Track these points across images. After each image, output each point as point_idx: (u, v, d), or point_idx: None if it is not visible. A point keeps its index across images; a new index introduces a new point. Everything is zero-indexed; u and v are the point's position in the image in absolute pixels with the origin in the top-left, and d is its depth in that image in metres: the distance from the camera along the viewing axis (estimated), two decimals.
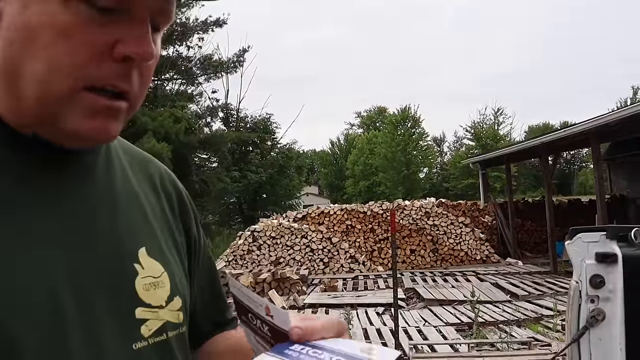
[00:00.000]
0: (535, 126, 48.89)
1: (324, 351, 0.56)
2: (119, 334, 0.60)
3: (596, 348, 1.83)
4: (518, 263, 13.10)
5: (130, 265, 0.64)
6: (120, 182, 0.70)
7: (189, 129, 20.95)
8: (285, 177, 28.56)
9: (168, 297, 0.67)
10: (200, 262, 0.84)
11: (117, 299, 0.61)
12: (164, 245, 0.72)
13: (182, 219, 0.80)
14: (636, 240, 1.73)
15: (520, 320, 7.30)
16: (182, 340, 0.70)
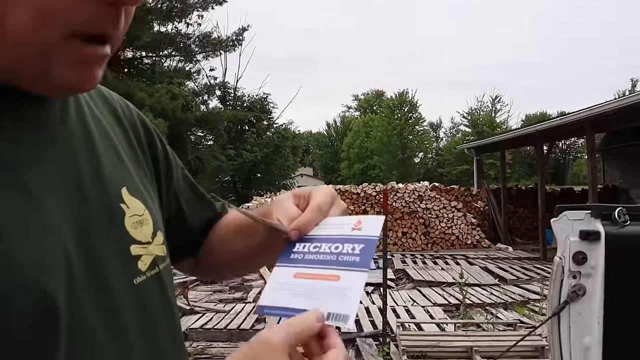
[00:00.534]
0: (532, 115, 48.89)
1: (322, 242, 0.64)
2: (122, 272, 0.63)
3: (575, 322, 1.89)
4: (508, 248, 13.24)
5: (118, 206, 0.66)
6: (92, 122, 0.69)
7: (186, 106, 20.83)
8: (281, 157, 28.54)
9: (152, 232, 0.70)
10: (177, 177, 0.89)
11: (115, 240, 0.63)
12: (140, 183, 0.73)
13: (149, 146, 0.82)
14: (619, 219, 1.78)
15: (507, 303, 7.41)
16: (168, 272, 0.74)
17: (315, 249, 0.63)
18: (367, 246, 0.62)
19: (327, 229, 0.66)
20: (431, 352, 5.03)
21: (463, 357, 4.96)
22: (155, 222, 0.72)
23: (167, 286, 0.71)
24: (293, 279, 0.62)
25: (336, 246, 0.63)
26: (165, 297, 0.70)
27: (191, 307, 7.21)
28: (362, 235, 0.63)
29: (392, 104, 44.17)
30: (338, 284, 0.59)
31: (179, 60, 24.02)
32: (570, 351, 1.90)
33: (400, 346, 5.09)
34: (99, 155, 0.67)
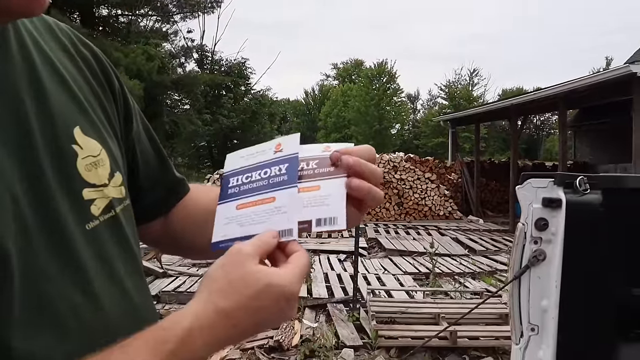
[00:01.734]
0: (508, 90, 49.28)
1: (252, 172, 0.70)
2: (73, 218, 0.61)
3: (535, 285, 1.97)
4: (479, 221, 13.51)
5: (69, 148, 0.62)
6: (37, 55, 0.64)
7: (162, 68, 20.47)
8: (257, 123, 28.38)
9: (109, 174, 0.67)
10: (133, 120, 0.81)
11: (65, 184, 0.61)
12: (97, 120, 0.69)
13: (106, 81, 0.75)
14: (580, 188, 1.85)
15: (476, 273, 7.62)
16: (128, 213, 0.71)
17: (248, 179, 0.69)
18: (290, 164, 0.68)
19: (253, 158, 0.72)
20: (399, 318, 5.17)
21: (430, 322, 5.11)
22: (114, 161, 0.69)
23: (126, 229, 0.70)
24: (236, 211, 0.67)
25: (265, 171, 0.69)
26: (123, 240, 0.69)
27: (164, 270, 7.24)
28: (284, 155, 0.69)
29: (370, 74, 43.96)
30: (275, 204, 0.65)
31: (155, 20, 23.49)
32: (529, 313, 1.98)
33: (369, 312, 5.22)
34: (46, 91, 0.62)
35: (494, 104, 15.04)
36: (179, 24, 24.80)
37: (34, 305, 0.54)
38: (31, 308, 0.53)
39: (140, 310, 0.69)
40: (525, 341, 2.04)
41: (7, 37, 0.61)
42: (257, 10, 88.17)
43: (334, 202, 0.64)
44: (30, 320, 0.53)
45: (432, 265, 7.03)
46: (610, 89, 8.95)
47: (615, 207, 1.91)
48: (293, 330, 5.05)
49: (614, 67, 8.84)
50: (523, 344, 2.04)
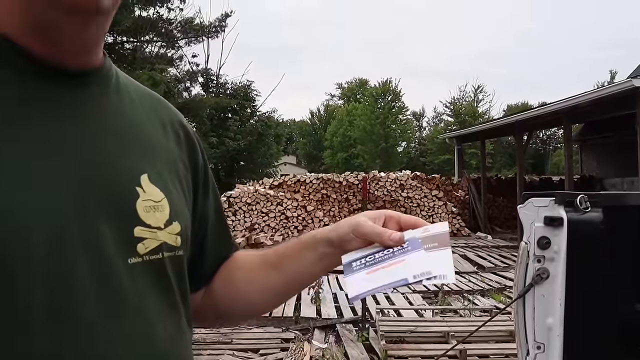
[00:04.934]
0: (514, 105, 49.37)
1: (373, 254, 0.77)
2: (117, 249, 0.64)
3: (539, 303, 1.98)
4: (487, 237, 13.46)
5: (132, 188, 0.69)
6: (129, 111, 0.75)
7: (168, 93, 20.66)
8: (264, 145, 28.46)
9: (167, 220, 0.71)
10: (210, 194, 0.90)
11: (118, 218, 0.66)
12: (166, 176, 0.75)
13: (188, 153, 0.84)
14: (580, 206, 1.88)
15: (485, 290, 7.59)
16: (178, 263, 0.74)
17: (371, 258, 0.76)
18: (411, 241, 0.76)
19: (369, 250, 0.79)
20: (409, 337, 5.15)
21: (439, 341, 5.09)
22: (174, 212, 0.73)
23: (170, 276, 0.72)
24: (367, 276, 0.73)
25: (388, 251, 0.76)
26: (164, 284, 0.71)
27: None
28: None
29: (375, 93, 44.24)
30: (406, 263, 0.73)
31: (160, 46, 23.81)
32: (534, 331, 2.00)
33: (379, 331, 5.21)
34: (126, 139, 0.72)
35: (498, 120, 15.09)
36: (183, 49, 25.13)
37: (54, 314, 0.59)
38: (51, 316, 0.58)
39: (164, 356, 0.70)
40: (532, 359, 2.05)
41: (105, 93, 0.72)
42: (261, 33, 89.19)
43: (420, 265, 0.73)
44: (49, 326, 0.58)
45: (441, 283, 7.01)
46: (613, 103, 8.98)
47: (617, 224, 1.93)
48: (302, 352, 5.05)
49: (617, 82, 8.89)
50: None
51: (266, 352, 5.18)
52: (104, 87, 0.72)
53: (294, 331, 5.78)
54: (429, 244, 0.75)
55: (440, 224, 0.79)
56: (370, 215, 0.83)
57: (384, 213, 0.83)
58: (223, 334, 5.72)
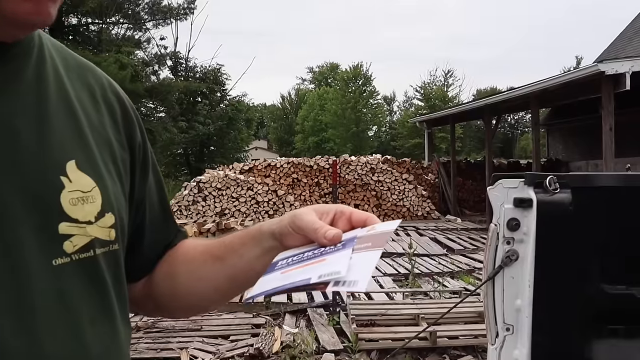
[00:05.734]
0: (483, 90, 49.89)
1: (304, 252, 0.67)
2: (39, 250, 0.57)
3: (509, 285, 1.98)
4: (457, 220, 13.63)
5: (55, 178, 0.60)
6: (54, 88, 0.65)
7: (135, 76, 20.25)
8: (234, 129, 28.23)
9: (99, 212, 0.64)
10: (150, 174, 0.81)
11: (39, 214, 0.58)
12: (99, 159, 0.67)
13: (125, 131, 0.75)
14: (550, 187, 1.87)
15: (454, 272, 7.67)
16: (113, 258, 0.67)
17: (297, 257, 0.66)
18: (347, 242, 0.65)
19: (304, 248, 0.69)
20: (380, 320, 5.17)
21: (410, 323, 5.12)
22: (108, 202, 0.66)
23: (105, 274, 0.65)
24: (280, 275, 0.63)
25: (320, 250, 0.66)
26: (99, 285, 0.64)
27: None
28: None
29: (346, 77, 44.14)
30: (325, 262, 0.62)
31: (127, 28, 23.26)
32: (504, 313, 2.00)
33: (350, 315, 5.21)
34: (49, 121, 0.62)
35: (468, 104, 15.22)
36: (151, 32, 24.61)
37: None
38: None
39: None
40: (500, 341, 2.05)
41: (21, 68, 0.62)
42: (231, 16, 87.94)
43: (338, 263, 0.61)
44: None
45: (411, 266, 7.07)
46: (580, 87, 9.12)
47: (585, 205, 1.93)
48: (273, 337, 5.02)
49: (583, 66, 9.03)
50: (499, 344, 2.05)
51: (237, 338, 5.14)
52: (23, 61, 0.63)
53: (264, 316, 5.75)
54: (362, 243, 0.64)
55: (390, 222, 0.68)
56: (319, 209, 0.72)
57: (335, 208, 0.72)
58: (192, 320, 5.65)
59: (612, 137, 7.98)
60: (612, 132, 7.98)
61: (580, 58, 47.46)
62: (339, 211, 0.71)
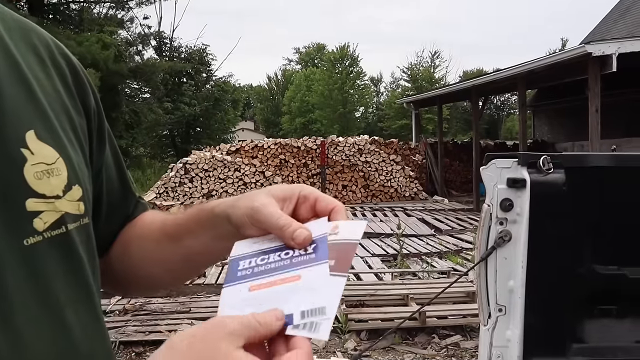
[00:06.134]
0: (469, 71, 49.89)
1: (268, 254, 0.58)
2: (7, 230, 0.53)
3: (501, 266, 1.98)
4: (444, 200, 13.71)
5: (16, 151, 0.55)
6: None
7: (119, 57, 19.90)
8: (220, 110, 27.99)
9: (65, 185, 0.59)
10: (106, 142, 0.76)
11: (4, 191, 0.54)
12: (58, 127, 0.62)
13: (79, 95, 0.69)
14: (544, 167, 1.85)
15: (442, 252, 7.72)
16: (85, 233, 0.63)
17: (263, 261, 0.57)
18: (319, 243, 0.57)
19: (269, 242, 0.59)
20: (369, 301, 5.19)
21: (399, 304, 5.15)
22: (73, 173, 0.61)
23: (80, 250, 0.61)
24: (248, 293, 0.53)
25: (285, 252, 0.57)
26: (75, 262, 0.60)
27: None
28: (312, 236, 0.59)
29: (333, 58, 43.85)
30: (301, 283, 0.52)
31: (109, 7, 22.80)
32: (496, 294, 2.00)
33: None
34: (2, 89, 0.57)
35: (455, 85, 15.21)
36: (134, 11, 24.20)
37: None
38: None
39: (80, 349, 0.59)
40: (493, 322, 2.05)
41: None
42: None
43: (321, 291, 0.52)
44: None
45: (399, 247, 7.09)
46: (566, 69, 9.13)
47: (578, 185, 1.93)
48: None
49: (570, 48, 9.03)
50: (491, 325, 2.05)
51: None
52: None
53: None
54: (334, 256, 0.54)
55: (357, 223, 0.58)
56: (279, 193, 0.62)
57: (298, 190, 0.63)
58: (181, 303, 5.64)
59: (598, 119, 8.01)
60: (598, 113, 8.01)
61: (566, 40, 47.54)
62: (302, 195, 0.62)
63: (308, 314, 0.49)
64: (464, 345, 4.54)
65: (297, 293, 0.51)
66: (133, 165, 21.75)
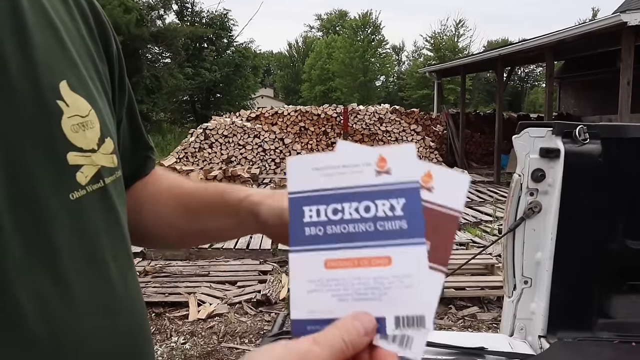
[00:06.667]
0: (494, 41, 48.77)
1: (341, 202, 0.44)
2: (53, 185, 0.51)
3: (530, 238, 1.93)
4: (464, 172, 13.55)
5: (53, 103, 0.53)
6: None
7: (140, 21, 19.84)
8: (241, 77, 27.87)
9: (99, 139, 0.58)
10: (126, 90, 0.73)
11: (45, 145, 0.51)
12: (87, 77, 0.59)
13: (102, 40, 0.65)
14: (579, 137, 1.78)
15: (461, 224, 7.66)
16: (120, 186, 0.62)
17: (337, 215, 0.43)
18: (410, 200, 0.42)
19: (339, 176, 0.44)
20: None
21: None
22: (104, 126, 0.59)
23: (116, 204, 0.60)
24: (325, 271, 0.42)
25: (366, 206, 0.42)
26: (113, 216, 0.59)
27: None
28: (396, 182, 0.42)
29: (355, 25, 43.18)
30: (393, 270, 0.41)
31: None
32: (523, 265, 1.95)
33: None
34: (31, 35, 0.53)
35: (481, 54, 14.86)
36: None
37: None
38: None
39: (122, 303, 0.59)
40: (518, 294, 2.01)
41: None
42: None
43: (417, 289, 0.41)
44: None
45: None
46: (599, 39, 8.84)
47: (615, 157, 1.85)
48: (280, 284, 5.06)
49: (604, 17, 8.70)
50: (515, 297, 2.01)
51: (244, 284, 5.18)
52: None
53: (271, 263, 5.79)
54: (430, 234, 0.41)
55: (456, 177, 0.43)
56: None
57: None
58: (200, 266, 5.70)
59: (629, 92, 7.77)
60: (629, 86, 7.76)
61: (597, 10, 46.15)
62: None
63: (404, 322, 0.40)
64: (481, 317, 4.53)
65: (388, 287, 0.41)
66: (153, 129, 21.86)
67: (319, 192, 0.44)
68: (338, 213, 0.43)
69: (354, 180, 0.43)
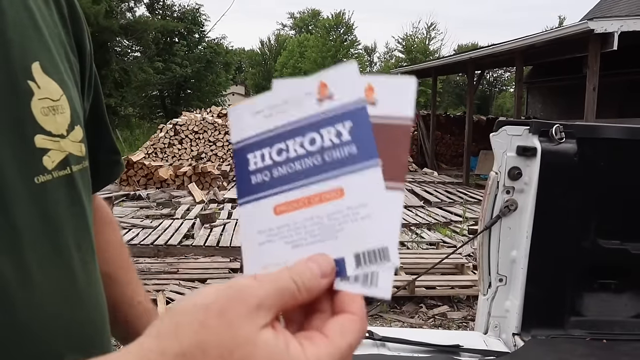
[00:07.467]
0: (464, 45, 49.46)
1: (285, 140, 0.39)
2: (18, 166, 0.49)
3: (505, 236, 1.94)
4: (434, 173, 13.72)
5: (24, 83, 0.51)
6: None
7: (110, 12, 19.44)
8: (212, 73, 27.59)
9: (69, 125, 0.55)
10: (93, 85, 0.70)
11: (12, 125, 0.49)
12: (59, 63, 0.57)
13: (74, 33, 0.63)
14: (556, 136, 1.80)
15: (431, 224, 7.73)
16: (86, 177, 0.60)
17: (282, 155, 0.39)
18: (357, 121, 0.37)
19: (280, 115, 0.39)
20: None
21: None
22: (74, 112, 0.57)
23: (82, 194, 0.58)
24: (275, 218, 0.38)
25: (310, 139, 0.38)
26: (78, 205, 0.57)
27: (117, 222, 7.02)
28: (339, 105, 0.38)
29: (328, 25, 43.31)
30: (346, 202, 0.37)
31: None
32: (498, 263, 1.96)
33: None
34: (6, 15, 0.51)
35: (452, 57, 15.06)
36: None
37: None
38: None
39: (82, 293, 0.56)
40: (492, 292, 2.02)
41: None
42: None
43: (376, 218, 0.36)
44: None
45: None
46: (566, 45, 9.02)
47: (590, 157, 1.88)
48: None
49: (572, 24, 8.88)
50: (490, 295, 2.02)
51: (213, 282, 5.11)
52: None
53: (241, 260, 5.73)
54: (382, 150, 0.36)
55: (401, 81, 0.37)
56: None
57: None
58: (169, 263, 5.61)
59: (594, 98, 7.96)
60: (595, 92, 7.95)
61: (563, 18, 47.27)
62: None
63: (365, 259, 0.36)
64: (451, 315, 4.57)
65: (344, 221, 0.36)
66: (121, 124, 21.46)
67: (261, 136, 0.40)
68: (282, 153, 0.39)
69: (296, 114, 0.39)
